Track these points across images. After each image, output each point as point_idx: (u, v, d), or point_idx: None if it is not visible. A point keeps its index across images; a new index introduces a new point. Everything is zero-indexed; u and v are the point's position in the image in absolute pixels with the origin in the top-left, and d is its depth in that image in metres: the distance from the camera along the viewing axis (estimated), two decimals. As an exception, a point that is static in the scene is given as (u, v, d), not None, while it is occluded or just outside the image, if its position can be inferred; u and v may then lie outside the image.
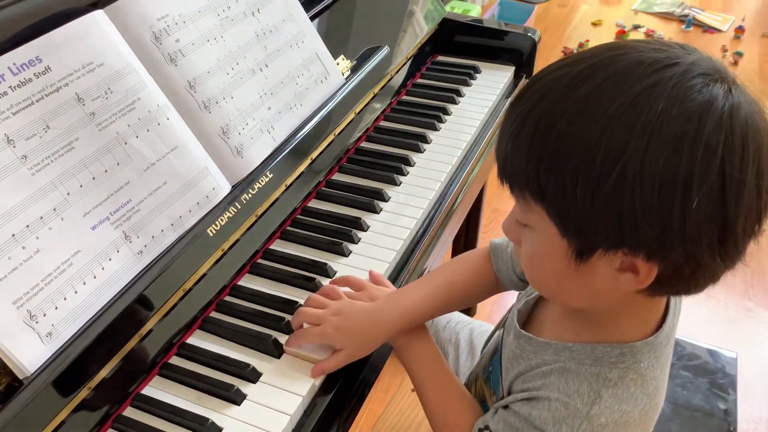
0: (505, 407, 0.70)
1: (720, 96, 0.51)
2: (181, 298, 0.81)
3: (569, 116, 0.53)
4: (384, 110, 1.26)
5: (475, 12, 2.87)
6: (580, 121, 0.52)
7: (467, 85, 1.36)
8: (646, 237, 0.52)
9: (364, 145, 1.18)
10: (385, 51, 1.23)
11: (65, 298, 0.71)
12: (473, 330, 1.08)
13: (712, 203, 0.51)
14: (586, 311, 0.66)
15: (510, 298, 1.84)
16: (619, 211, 0.52)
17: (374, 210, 1.03)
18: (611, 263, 0.56)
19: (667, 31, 3.38)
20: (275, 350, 0.81)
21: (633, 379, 0.63)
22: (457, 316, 1.12)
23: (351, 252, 0.96)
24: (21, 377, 0.66)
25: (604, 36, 3.32)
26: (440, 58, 1.46)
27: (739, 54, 3.20)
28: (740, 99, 0.52)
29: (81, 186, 0.75)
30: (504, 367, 0.75)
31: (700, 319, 1.89)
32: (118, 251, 0.76)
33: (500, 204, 2.31)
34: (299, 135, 1.01)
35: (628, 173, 0.51)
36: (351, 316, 0.81)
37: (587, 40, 3.25)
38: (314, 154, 1.04)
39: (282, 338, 0.82)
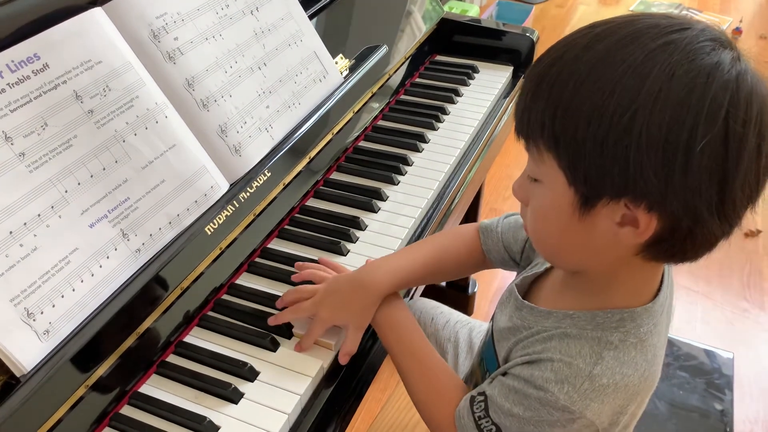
0: (504, 374, 0.71)
1: (728, 60, 0.55)
2: (179, 297, 0.81)
3: (588, 67, 0.57)
4: (382, 110, 1.26)
5: (473, 12, 2.87)
6: (598, 71, 0.56)
7: (465, 84, 1.36)
8: (650, 184, 0.55)
9: (363, 144, 1.18)
10: (383, 50, 1.23)
11: (63, 296, 0.70)
12: (472, 329, 1.08)
13: (714, 155, 0.53)
14: (585, 278, 0.68)
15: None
16: (627, 155, 0.55)
17: (372, 209, 1.03)
18: (613, 216, 0.58)
19: (665, 32, 3.39)
20: (273, 349, 0.81)
21: (633, 343, 0.65)
22: (456, 316, 1.12)
23: (349, 251, 0.96)
24: (18, 375, 0.66)
25: (602, 37, 3.32)
26: (439, 57, 1.46)
27: (737, 55, 3.21)
28: (746, 67, 0.56)
29: (79, 184, 0.75)
30: (502, 337, 0.75)
31: (697, 319, 1.90)
32: (115, 249, 0.76)
33: (497, 204, 2.31)
34: (297, 134, 1.01)
35: (638, 119, 0.54)
36: (338, 290, 0.82)
37: (585, 41, 3.25)
38: (312, 153, 1.04)
39: (279, 337, 0.82)
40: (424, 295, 1.19)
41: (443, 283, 1.81)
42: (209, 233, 0.84)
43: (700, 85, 0.53)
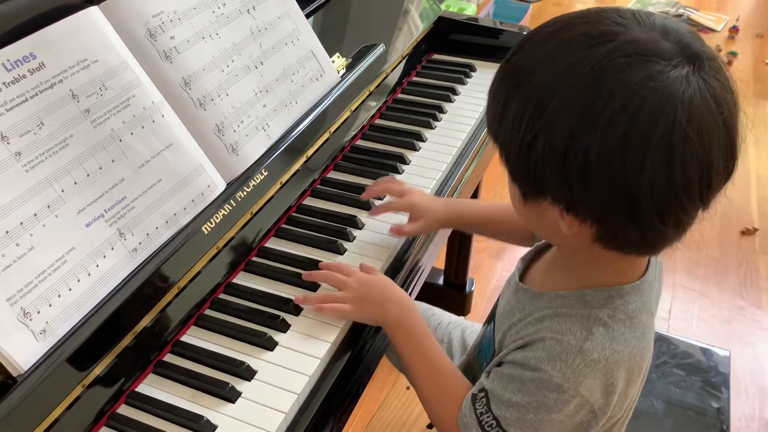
0: (499, 365, 0.72)
1: (645, 76, 0.55)
2: (176, 296, 0.81)
3: (520, 75, 0.60)
4: (379, 108, 1.26)
5: (470, 10, 2.87)
6: (524, 81, 0.60)
7: (463, 83, 1.36)
8: (555, 192, 0.60)
9: (360, 143, 1.18)
10: (380, 49, 1.23)
11: (59, 296, 0.70)
12: (465, 330, 1.08)
13: (611, 170, 0.56)
14: (571, 259, 0.71)
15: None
16: (534, 167, 0.59)
17: (369, 208, 1.03)
18: (553, 208, 0.62)
19: (662, 31, 3.39)
20: (270, 348, 0.80)
21: (622, 319, 0.67)
22: (448, 317, 1.12)
23: (346, 250, 0.96)
24: (15, 375, 0.66)
25: (599, 35, 3.32)
26: (436, 56, 1.46)
27: (734, 54, 3.22)
28: (673, 78, 0.55)
29: (75, 183, 0.75)
30: (500, 321, 0.77)
31: (693, 318, 1.90)
32: (112, 249, 0.76)
33: (496, 201, 2.31)
34: (294, 133, 1.01)
35: (540, 137, 0.58)
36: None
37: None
38: (309, 152, 1.04)
39: (277, 336, 0.82)
40: (418, 297, 1.19)
41: (440, 281, 1.81)
42: (206, 232, 0.84)
43: (599, 106, 0.55)
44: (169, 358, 0.80)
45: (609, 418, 0.69)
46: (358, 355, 0.84)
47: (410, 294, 0.99)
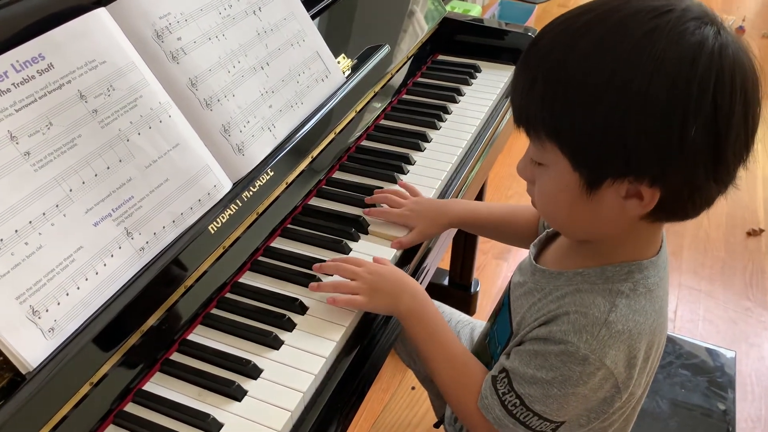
0: (519, 344, 0.73)
1: (710, 37, 0.58)
2: (183, 295, 0.82)
3: (579, 60, 0.60)
4: (384, 109, 1.26)
5: (475, 12, 2.87)
6: (589, 64, 0.59)
7: (468, 84, 1.36)
8: (650, 166, 0.59)
9: (365, 143, 1.19)
10: (385, 50, 1.23)
11: (67, 294, 0.71)
12: (474, 329, 1.08)
13: (706, 132, 0.58)
14: (592, 242, 0.72)
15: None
16: (625, 144, 0.59)
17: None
18: (618, 191, 0.62)
19: (667, 32, 3.39)
20: (276, 346, 0.81)
21: (643, 293, 0.68)
22: (457, 316, 1.13)
23: (351, 250, 0.96)
24: (23, 372, 0.66)
25: (604, 36, 3.31)
26: (441, 57, 1.46)
27: (739, 54, 3.21)
28: (728, 39, 0.59)
29: (83, 183, 0.75)
30: (518, 304, 0.78)
31: (699, 318, 1.90)
32: (119, 248, 0.77)
33: (500, 202, 2.31)
34: (300, 133, 1.01)
35: (633, 108, 0.57)
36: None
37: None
38: (315, 153, 1.04)
39: (283, 335, 0.82)
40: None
41: (446, 282, 1.81)
42: (212, 232, 0.85)
43: (686, 70, 0.56)
44: (175, 356, 0.80)
45: (630, 396, 0.70)
46: (365, 350, 0.85)
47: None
